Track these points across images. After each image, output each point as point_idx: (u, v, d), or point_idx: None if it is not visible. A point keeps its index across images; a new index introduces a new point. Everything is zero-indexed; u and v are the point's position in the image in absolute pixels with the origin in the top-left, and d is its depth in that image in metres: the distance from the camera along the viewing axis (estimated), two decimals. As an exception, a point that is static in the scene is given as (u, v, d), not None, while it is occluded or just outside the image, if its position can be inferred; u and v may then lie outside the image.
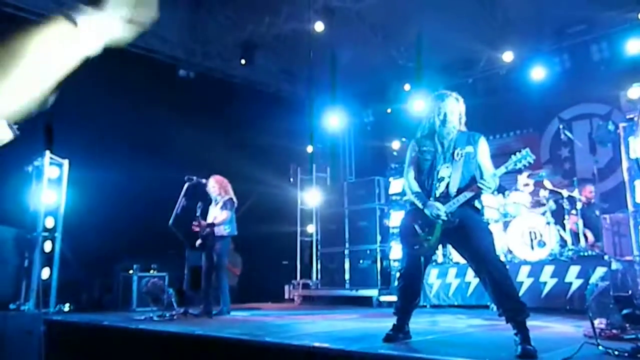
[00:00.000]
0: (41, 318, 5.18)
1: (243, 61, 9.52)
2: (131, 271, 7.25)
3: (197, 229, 6.24)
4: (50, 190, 6.74)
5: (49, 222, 6.68)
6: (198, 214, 6.24)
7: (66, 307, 6.66)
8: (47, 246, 6.61)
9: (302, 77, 10.88)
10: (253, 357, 3.49)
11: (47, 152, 6.71)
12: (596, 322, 3.56)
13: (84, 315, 5.91)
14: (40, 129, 6.63)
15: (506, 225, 6.66)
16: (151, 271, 7.42)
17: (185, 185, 6.29)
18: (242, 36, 9.53)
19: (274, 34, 9.40)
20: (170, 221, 6.03)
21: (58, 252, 6.65)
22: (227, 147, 8.56)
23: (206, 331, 4.19)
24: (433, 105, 3.58)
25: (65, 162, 6.92)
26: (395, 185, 8.03)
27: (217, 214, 6.34)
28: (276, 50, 10.17)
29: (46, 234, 6.63)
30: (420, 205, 3.45)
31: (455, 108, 3.52)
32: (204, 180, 6.42)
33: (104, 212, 7.19)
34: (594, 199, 7.35)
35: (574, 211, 6.94)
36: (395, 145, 10.78)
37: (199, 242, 6.29)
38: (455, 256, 6.95)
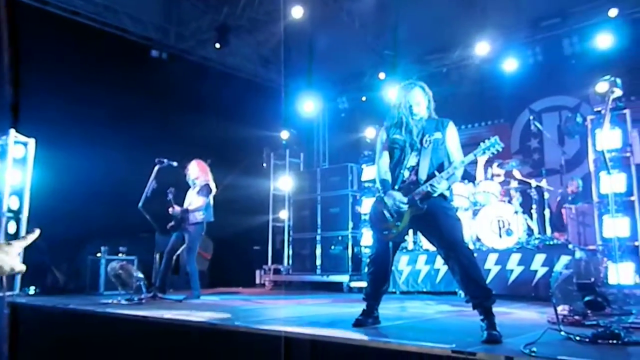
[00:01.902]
0: (5, 301, 5.06)
1: (218, 45, 9.34)
2: (99, 254, 7.10)
3: (172, 213, 6.18)
4: (15, 169, 6.55)
5: (14, 203, 6.51)
6: (169, 197, 6.16)
7: (31, 290, 6.52)
8: (11, 227, 6.44)
9: (277, 61, 10.77)
10: (222, 342, 3.47)
11: (12, 131, 6.51)
12: (560, 308, 3.66)
13: (49, 299, 5.79)
14: (4, 106, 6.42)
15: (475, 213, 6.77)
16: (119, 254, 7.29)
17: (156, 168, 6.18)
18: (217, 19, 9.36)
19: (249, 17, 9.26)
20: (140, 203, 5.94)
21: (23, 233, 6.48)
22: (199, 130, 8.44)
23: (175, 315, 4.15)
24: (400, 96, 3.61)
25: (31, 141, 6.72)
26: (368, 172, 8.05)
27: (193, 199, 6.27)
28: (252, 34, 10.04)
29: (10, 214, 6.45)
30: (381, 193, 3.50)
31: (421, 98, 3.56)
32: (174, 163, 6.33)
33: (72, 192, 7.02)
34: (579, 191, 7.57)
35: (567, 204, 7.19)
36: (369, 132, 10.79)
37: (171, 224, 6.21)
38: (425, 243, 7.04)
